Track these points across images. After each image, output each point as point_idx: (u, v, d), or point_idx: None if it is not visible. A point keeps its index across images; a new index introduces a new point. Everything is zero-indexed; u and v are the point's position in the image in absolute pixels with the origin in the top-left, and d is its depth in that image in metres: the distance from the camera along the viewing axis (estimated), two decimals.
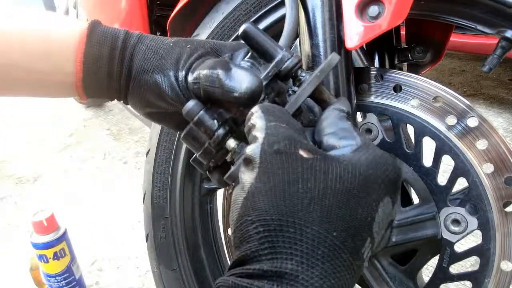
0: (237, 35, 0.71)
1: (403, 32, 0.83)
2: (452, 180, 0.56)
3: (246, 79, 0.42)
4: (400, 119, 0.58)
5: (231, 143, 0.43)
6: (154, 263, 0.84)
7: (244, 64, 0.46)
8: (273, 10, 0.68)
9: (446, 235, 0.56)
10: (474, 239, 0.61)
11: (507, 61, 2.63)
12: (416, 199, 0.62)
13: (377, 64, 0.83)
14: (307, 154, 0.33)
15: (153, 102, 0.48)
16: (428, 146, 0.59)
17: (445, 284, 0.58)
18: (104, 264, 1.34)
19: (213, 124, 0.43)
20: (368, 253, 0.34)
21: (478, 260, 0.55)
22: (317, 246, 0.30)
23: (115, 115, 2.48)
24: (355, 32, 0.52)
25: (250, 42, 0.46)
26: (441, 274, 0.58)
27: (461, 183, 0.55)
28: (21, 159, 2.04)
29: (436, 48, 0.80)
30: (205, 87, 0.43)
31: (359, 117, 0.64)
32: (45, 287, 1.17)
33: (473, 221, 0.54)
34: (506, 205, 0.53)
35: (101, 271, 1.32)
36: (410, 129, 0.60)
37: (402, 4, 0.50)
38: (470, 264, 1.15)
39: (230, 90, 0.42)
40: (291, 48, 0.62)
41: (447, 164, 0.55)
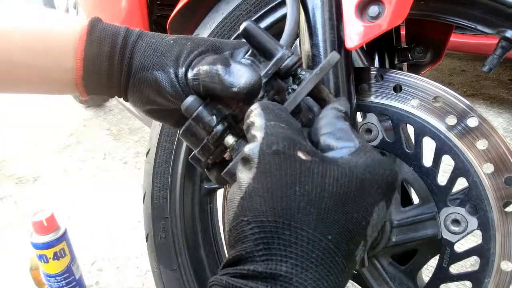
0: (237, 34, 0.71)
1: (403, 32, 0.83)
2: (452, 180, 0.56)
3: (245, 74, 0.42)
4: (400, 119, 0.58)
5: (230, 139, 0.43)
6: (154, 263, 0.84)
7: (244, 61, 0.46)
8: (273, 10, 0.68)
9: (446, 235, 0.56)
10: (474, 239, 0.61)
11: (507, 61, 2.63)
12: (416, 199, 0.62)
13: (377, 64, 0.83)
14: (306, 156, 0.33)
15: (153, 99, 0.48)
16: (428, 146, 0.59)
17: (445, 284, 0.58)
18: (104, 264, 1.34)
19: (211, 120, 0.43)
20: (361, 255, 0.34)
21: (478, 260, 0.55)
22: (311, 249, 0.30)
23: (115, 115, 2.48)
24: (355, 32, 0.52)
25: (251, 39, 0.45)
26: (441, 274, 0.58)
27: (461, 183, 0.55)
28: (21, 159, 2.04)
29: (436, 48, 0.80)
30: (205, 82, 0.43)
31: (359, 117, 0.64)
32: (45, 287, 1.17)
33: (473, 221, 0.54)
34: (506, 205, 0.53)
35: (101, 271, 1.32)
36: (410, 129, 0.60)
37: (402, 4, 0.50)
38: (470, 264, 1.15)
39: (229, 85, 0.42)
40: (291, 47, 0.62)
41: (447, 164, 0.55)
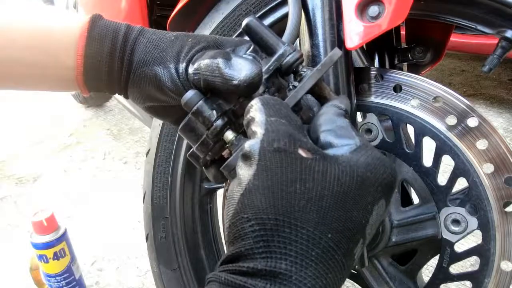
0: (239, 32, 0.71)
1: (403, 32, 0.83)
2: (452, 180, 0.56)
3: (246, 67, 0.42)
4: (400, 119, 0.58)
5: (229, 135, 0.43)
6: (154, 263, 0.84)
7: (245, 56, 0.46)
8: (273, 10, 0.68)
9: (446, 235, 0.56)
10: (474, 239, 0.61)
11: (507, 61, 2.64)
12: (416, 199, 0.62)
13: (377, 64, 0.83)
14: (306, 153, 0.33)
15: (153, 95, 0.48)
16: (428, 146, 0.59)
17: (445, 284, 0.58)
18: (104, 264, 1.34)
19: (211, 115, 0.42)
20: (360, 253, 0.34)
21: (478, 260, 0.55)
22: (311, 248, 0.30)
23: (115, 115, 2.48)
24: (355, 32, 0.52)
25: (253, 35, 0.45)
26: (441, 274, 0.58)
27: (461, 183, 0.55)
28: (21, 159, 2.04)
29: (436, 48, 0.80)
30: (205, 76, 0.43)
31: (359, 117, 0.64)
32: (45, 287, 1.17)
33: (473, 221, 0.54)
34: (506, 205, 0.53)
35: (101, 271, 1.32)
36: (410, 129, 0.60)
37: (402, 4, 0.50)
38: (470, 264, 1.15)
39: (229, 78, 0.42)
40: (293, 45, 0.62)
41: (447, 164, 0.55)
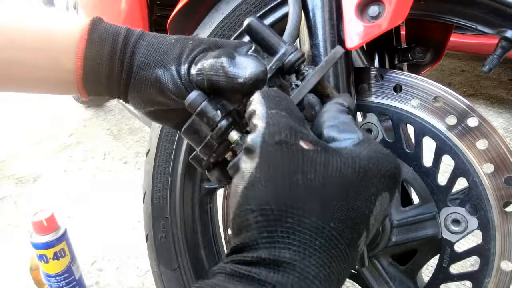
0: (238, 34, 0.71)
1: (403, 32, 0.83)
2: (452, 180, 0.56)
3: (251, 65, 0.42)
4: (400, 119, 0.58)
5: (234, 135, 0.42)
6: (154, 263, 0.84)
7: (249, 54, 0.46)
8: (273, 10, 0.68)
9: (446, 235, 0.56)
10: (474, 239, 0.61)
11: (507, 61, 2.64)
12: (416, 199, 0.62)
13: (377, 64, 0.83)
14: (308, 145, 0.33)
15: (154, 99, 0.48)
16: (428, 146, 0.59)
17: (445, 284, 0.58)
18: (104, 264, 1.34)
19: (216, 115, 0.42)
20: (363, 245, 0.34)
21: (478, 260, 0.55)
22: (314, 237, 0.30)
23: (115, 115, 2.48)
24: (355, 32, 0.52)
25: (254, 35, 0.45)
26: (441, 274, 0.58)
27: (461, 183, 0.55)
28: (21, 159, 2.04)
29: (436, 48, 0.80)
30: (209, 76, 0.43)
31: (359, 117, 0.64)
32: (45, 287, 1.17)
33: (473, 221, 0.54)
34: (506, 205, 0.53)
35: (101, 271, 1.32)
36: (410, 129, 0.60)
37: (402, 4, 0.50)
38: (470, 264, 1.15)
39: (234, 77, 0.41)
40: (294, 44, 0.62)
41: (447, 164, 0.55)
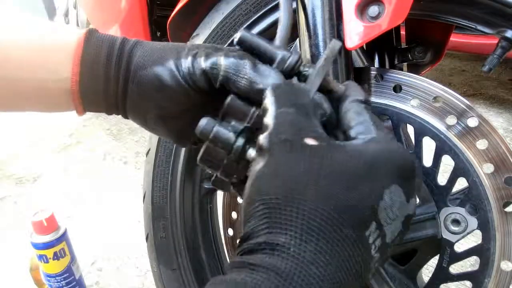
0: (229, 42, 0.71)
1: (403, 32, 0.83)
2: (452, 180, 0.56)
3: (273, 75, 0.43)
4: (400, 119, 0.58)
5: (251, 152, 0.41)
6: (154, 263, 0.84)
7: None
8: (273, 10, 0.68)
9: (446, 235, 0.56)
10: (474, 239, 0.61)
11: (507, 61, 2.63)
12: (416, 199, 0.62)
13: (377, 64, 0.83)
14: (313, 141, 0.34)
15: (152, 102, 0.47)
16: (428, 146, 0.59)
17: (445, 284, 0.58)
18: (104, 264, 1.34)
19: (230, 137, 0.41)
20: (378, 241, 0.33)
21: (478, 260, 0.55)
22: (312, 223, 0.30)
23: (115, 115, 2.47)
24: (355, 32, 0.52)
25: (247, 47, 0.45)
26: (441, 274, 0.58)
27: (461, 183, 0.55)
28: (21, 159, 2.04)
29: (436, 48, 0.80)
30: (228, 74, 0.43)
31: None
32: (45, 287, 1.17)
33: (473, 221, 0.54)
34: (506, 205, 0.53)
35: (101, 271, 1.32)
36: (410, 129, 0.60)
37: (402, 4, 0.50)
38: (470, 264, 1.15)
39: (255, 82, 0.42)
40: (290, 49, 0.62)
41: (447, 164, 0.55)
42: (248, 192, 0.34)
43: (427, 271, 1.03)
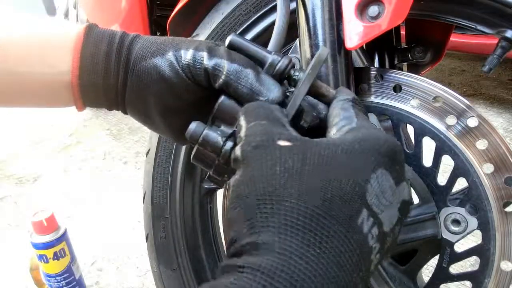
0: None
1: (403, 32, 0.83)
2: (452, 180, 0.56)
3: (275, 88, 0.43)
4: (400, 119, 0.58)
5: None
6: (154, 263, 0.84)
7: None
8: (273, 10, 0.68)
9: (446, 235, 0.56)
10: (474, 239, 0.61)
11: (507, 61, 2.64)
12: (416, 199, 0.62)
13: (377, 64, 0.83)
14: (286, 142, 0.34)
15: (152, 96, 0.47)
16: (428, 146, 0.59)
17: (445, 284, 0.58)
18: (104, 264, 1.34)
19: (218, 141, 0.43)
20: (374, 230, 0.32)
21: (478, 260, 0.55)
22: (296, 217, 0.29)
23: (115, 115, 2.48)
24: (355, 32, 0.52)
25: (238, 52, 0.46)
26: (441, 274, 0.58)
27: (461, 183, 0.55)
28: (21, 159, 2.04)
29: (436, 48, 0.80)
30: (230, 80, 0.44)
31: None
32: (45, 287, 1.17)
33: (473, 221, 0.54)
34: (506, 205, 0.53)
35: (101, 271, 1.32)
36: (410, 129, 0.60)
37: (402, 4, 0.50)
38: (470, 264, 1.15)
39: (257, 93, 0.43)
40: (290, 49, 0.62)
41: (447, 164, 0.55)
42: (230, 200, 0.34)
43: (427, 271, 1.03)
